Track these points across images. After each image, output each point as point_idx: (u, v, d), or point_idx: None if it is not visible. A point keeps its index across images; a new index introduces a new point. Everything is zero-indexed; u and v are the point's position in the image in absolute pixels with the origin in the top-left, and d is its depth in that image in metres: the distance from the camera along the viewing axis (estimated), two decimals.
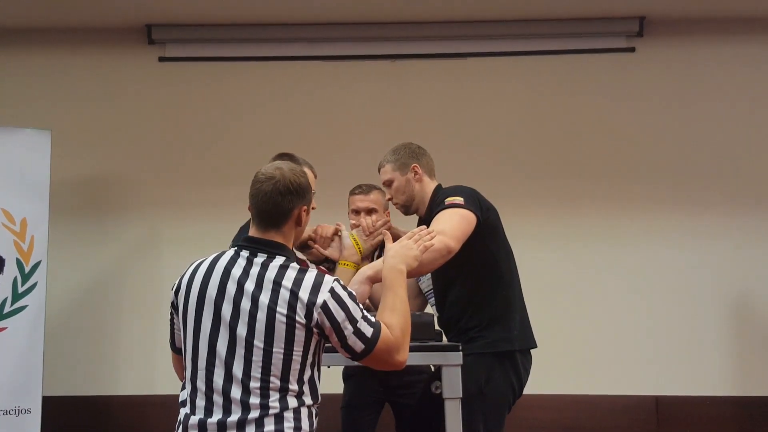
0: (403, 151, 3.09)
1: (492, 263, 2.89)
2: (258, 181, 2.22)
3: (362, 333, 2.11)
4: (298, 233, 2.27)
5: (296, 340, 2.07)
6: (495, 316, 2.86)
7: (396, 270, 2.30)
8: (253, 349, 2.06)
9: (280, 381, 2.07)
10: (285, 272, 2.11)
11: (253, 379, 2.06)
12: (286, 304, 2.07)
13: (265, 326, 2.06)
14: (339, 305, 2.08)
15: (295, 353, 2.07)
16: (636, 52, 5.00)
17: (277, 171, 2.21)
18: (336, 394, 3.54)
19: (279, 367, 2.06)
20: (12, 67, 5.10)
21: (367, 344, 2.11)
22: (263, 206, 2.20)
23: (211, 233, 4.72)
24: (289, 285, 2.09)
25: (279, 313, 2.06)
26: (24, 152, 4.39)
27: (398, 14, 4.92)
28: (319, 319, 2.07)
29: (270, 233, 2.20)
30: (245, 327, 2.07)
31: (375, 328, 2.12)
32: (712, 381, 4.77)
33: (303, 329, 2.07)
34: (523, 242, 4.56)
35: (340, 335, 2.09)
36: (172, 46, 5.09)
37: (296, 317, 2.06)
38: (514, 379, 2.85)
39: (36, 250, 4.37)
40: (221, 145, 5.05)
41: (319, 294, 2.08)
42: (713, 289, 4.85)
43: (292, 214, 2.21)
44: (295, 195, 2.20)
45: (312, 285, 2.09)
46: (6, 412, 4.19)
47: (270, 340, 2.06)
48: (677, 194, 4.93)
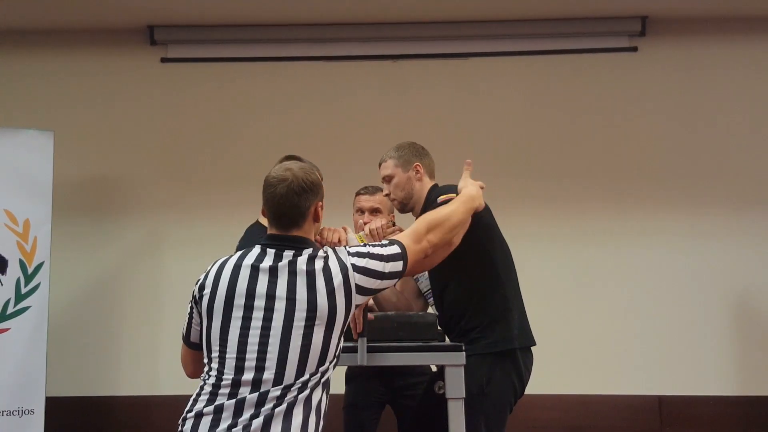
0: (407, 149, 3.09)
1: (488, 262, 2.89)
2: (270, 184, 2.23)
3: (394, 254, 2.24)
4: (316, 228, 2.32)
5: (336, 325, 2.13)
6: (494, 316, 2.86)
7: (469, 196, 2.58)
8: (308, 335, 2.10)
9: (317, 365, 2.11)
10: (314, 261, 2.17)
11: (290, 365, 2.08)
12: (325, 286, 2.13)
13: (306, 311, 2.10)
14: (367, 271, 2.19)
15: (333, 338, 2.14)
16: (638, 52, 5.00)
17: (287, 172, 2.24)
18: (338, 395, 3.54)
19: (317, 352, 2.10)
20: (15, 68, 5.10)
21: (403, 258, 2.25)
22: (281, 209, 2.22)
23: (214, 234, 4.73)
24: (321, 269, 2.15)
25: (320, 295, 2.12)
26: (27, 153, 4.40)
27: (400, 14, 4.92)
28: (358, 284, 2.17)
29: (292, 231, 2.23)
30: (282, 316, 2.10)
31: (396, 244, 2.27)
32: (715, 381, 4.77)
33: (344, 308, 2.14)
34: (526, 242, 4.59)
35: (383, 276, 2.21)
36: (174, 47, 5.09)
37: (337, 294, 2.13)
38: (515, 378, 2.85)
39: (39, 251, 4.37)
40: (223, 146, 5.05)
41: (348, 269, 2.17)
42: (716, 288, 4.84)
43: (309, 212, 2.25)
44: (310, 193, 2.25)
45: (338, 261, 2.18)
46: (9, 412, 4.20)
47: (311, 326, 2.10)
48: (680, 194, 4.92)
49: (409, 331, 2.66)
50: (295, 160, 2.94)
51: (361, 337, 2.50)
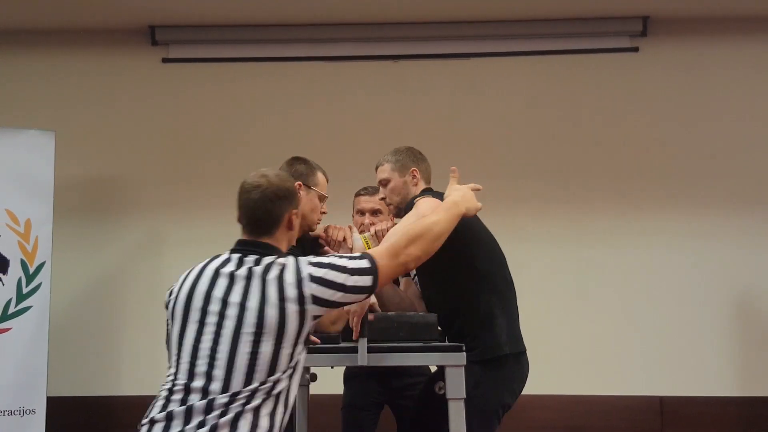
0: (405, 153, 3.07)
1: (470, 266, 2.84)
2: (245, 190, 2.24)
3: (360, 269, 2.16)
4: (290, 237, 2.29)
5: (287, 335, 2.07)
6: (481, 323, 2.80)
7: (452, 202, 2.46)
8: (257, 343, 2.05)
9: (266, 375, 2.06)
10: (271, 269, 2.12)
11: (237, 373, 2.04)
12: (277, 295, 2.08)
13: (256, 319, 2.06)
14: (325, 282, 2.11)
15: (284, 348, 2.08)
16: (639, 52, 4.99)
17: (263, 179, 2.24)
18: (336, 395, 3.55)
19: (266, 361, 2.05)
20: (16, 68, 5.11)
21: (372, 273, 2.17)
22: (253, 214, 2.23)
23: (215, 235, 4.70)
24: (275, 277, 2.10)
25: (270, 304, 2.07)
26: (28, 153, 4.41)
27: (400, 15, 4.93)
28: (314, 295, 2.10)
29: (262, 238, 2.23)
30: (233, 323, 2.07)
31: (366, 258, 2.19)
32: (716, 381, 4.77)
33: (297, 319, 2.08)
34: (526, 242, 4.60)
35: (344, 288, 2.13)
36: (176, 47, 5.10)
37: (288, 304, 2.07)
38: (503, 387, 2.80)
39: (40, 251, 4.38)
40: (225, 146, 5.05)
41: (303, 279, 2.10)
42: (717, 289, 4.84)
43: (282, 220, 2.24)
44: (284, 200, 2.24)
45: (295, 271, 2.11)
46: (10, 412, 4.21)
47: (258, 335, 2.05)
48: (681, 194, 4.92)
49: (409, 332, 2.66)
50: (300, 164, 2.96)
51: (362, 337, 2.51)
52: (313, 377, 3.05)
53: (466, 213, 2.49)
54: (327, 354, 2.58)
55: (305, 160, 3.00)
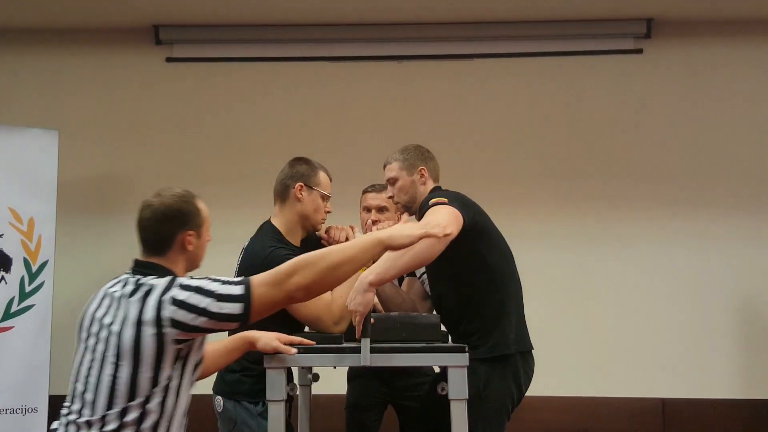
0: (413, 152, 3.07)
1: (484, 267, 2.86)
2: (140, 208, 2.21)
3: (230, 295, 2.06)
4: (190, 258, 2.22)
5: (143, 359, 2.03)
6: (491, 321, 2.83)
7: (374, 236, 2.19)
8: (117, 367, 2.04)
9: (126, 400, 2.04)
10: (138, 290, 2.09)
11: (101, 395, 2.04)
12: (135, 317, 2.04)
13: (116, 342, 2.05)
14: (185, 305, 2.04)
15: (142, 372, 2.03)
16: (643, 54, 4.99)
17: (156, 198, 2.21)
18: (340, 395, 3.55)
19: (125, 385, 2.03)
20: (20, 67, 5.12)
21: (243, 300, 2.05)
22: (143, 233, 2.21)
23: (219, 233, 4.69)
24: (138, 299, 2.07)
25: (128, 327, 2.04)
26: (31, 152, 4.41)
27: (405, 15, 4.92)
28: (173, 318, 2.03)
29: (153, 258, 2.19)
30: (103, 346, 2.07)
31: (242, 285, 2.08)
32: (718, 384, 4.76)
33: (155, 342, 2.03)
34: (530, 243, 4.59)
35: (208, 314, 2.04)
36: (180, 47, 5.10)
37: (144, 327, 2.03)
38: (512, 384, 2.83)
39: (43, 250, 4.39)
40: (228, 146, 5.06)
41: (165, 301, 2.04)
42: (720, 291, 4.83)
43: (174, 241, 2.19)
44: (174, 221, 2.18)
45: (160, 292, 2.06)
46: (13, 410, 4.21)
47: (118, 355, 2.04)
48: (685, 196, 4.91)
49: (412, 332, 2.66)
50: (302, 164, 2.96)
51: (364, 337, 2.50)
52: (316, 377, 3.05)
53: (389, 244, 2.18)
54: (329, 354, 2.58)
55: (307, 160, 3.00)
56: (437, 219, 2.65)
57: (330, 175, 3.01)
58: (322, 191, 2.94)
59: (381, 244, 2.16)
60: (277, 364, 2.52)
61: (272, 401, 2.53)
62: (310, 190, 2.93)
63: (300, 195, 2.91)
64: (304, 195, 2.91)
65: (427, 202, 2.84)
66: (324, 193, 2.95)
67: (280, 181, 2.96)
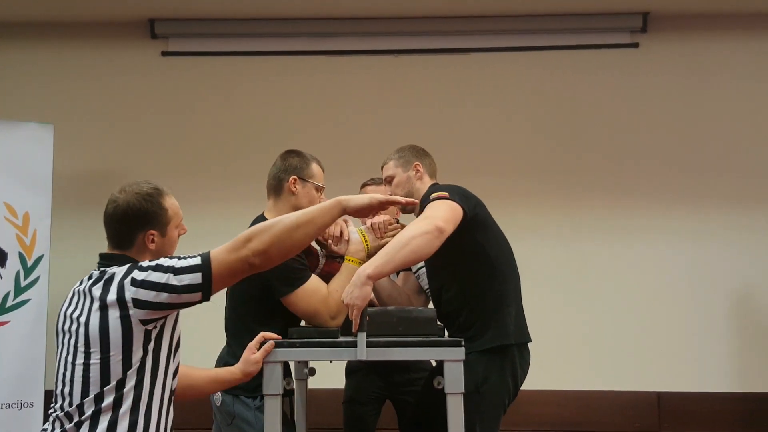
0: (408, 150, 3.13)
1: (484, 259, 2.88)
2: (108, 201, 2.21)
3: (188, 266, 2.06)
4: (156, 254, 2.21)
5: (112, 343, 2.04)
6: (491, 312, 2.85)
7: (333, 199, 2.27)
8: (87, 355, 2.05)
9: (101, 386, 2.04)
10: (102, 278, 2.11)
11: (75, 387, 2.06)
12: (99, 304, 2.06)
13: (84, 331, 2.06)
14: (145, 283, 2.05)
15: (113, 357, 2.04)
16: (639, 48, 4.99)
17: (121, 194, 2.19)
18: (338, 390, 3.55)
19: (96, 372, 2.05)
20: (15, 61, 5.10)
21: (202, 270, 2.06)
22: (107, 229, 2.21)
23: (215, 228, 4.71)
24: (100, 287, 2.08)
25: (93, 315, 2.06)
26: (26, 146, 4.40)
27: (401, 9, 4.92)
28: (135, 298, 2.03)
29: (117, 251, 2.21)
30: (74, 339, 2.09)
31: (200, 256, 2.08)
32: (714, 377, 4.77)
33: (120, 325, 2.04)
34: (526, 238, 4.59)
35: (168, 288, 2.04)
36: (175, 41, 5.09)
37: (109, 311, 2.04)
38: (510, 377, 2.84)
39: (38, 244, 4.38)
40: (224, 140, 5.05)
41: (125, 284, 2.05)
42: (716, 284, 4.85)
43: (135, 240, 2.19)
44: (135, 221, 2.17)
45: (121, 276, 2.08)
46: (9, 405, 4.20)
47: (88, 344, 2.06)
48: (680, 190, 4.92)
49: (408, 326, 2.66)
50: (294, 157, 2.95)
51: (361, 331, 2.50)
52: (312, 371, 3.05)
53: (346, 204, 2.26)
54: (325, 348, 2.58)
55: (299, 153, 2.98)
56: (436, 213, 2.66)
57: (323, 167, 3.01)
58: (316, 183, 2.94)
59: (339, 204, 2.23)
60: (273, 358, 2.52)
61: (269, 395, 2.53)
62: (304, 183, 2.92)
63: (294, 188, 2.90)
64: (298, 188, 2.91)
65: (428, 196, 2.85)
66: (318, 184, 2.94)
67: (274, 175, 2.95)
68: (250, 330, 2.70)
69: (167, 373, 2.14)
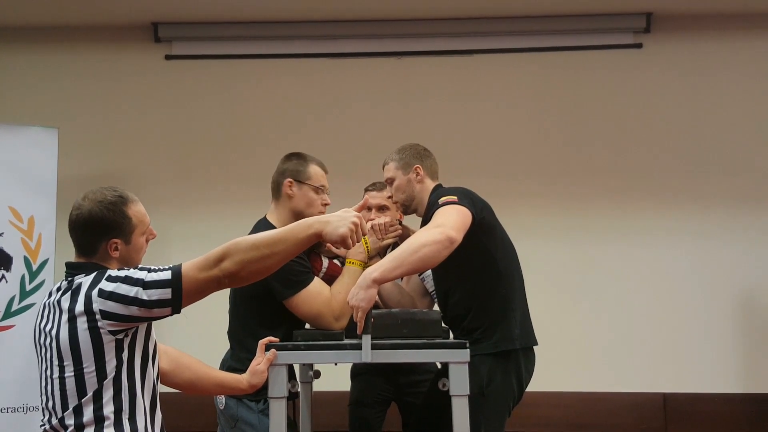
0: (409, 151, 3.10)
1: (490, 262, 2.89)
2: (72, 207, 2.17)
3: (158, 281, 2.02)
4: (122, 261, 2.17)
5: (84, 354, 2.02)
6: (496, 316, 2.85)
7: (307, 223, 2.09)
8: (62, 368, 2.03)
9: (78, 397, 2.02)
10: (70, 288, 2.08)
11: (55, 398, 2.04)
12: (67, 315, 2.03)
13: (56, 344, 2.04)
14: (113, 295, 2.01)
15: (85, 365, 2.02)
16: (643, 49, 4.98)
17: (84, 201, 2.15)
18: (344, 392, 3.55)
19: (72, 384, 2.02)
20: (18, 65, 5.11)
21: (172, 285, 2.02)
22: (71, 235, 2.18)
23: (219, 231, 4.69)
24: (68, 298, 2.06)
25: (63, 327, 2.03)
26: (31, 150, 4.40)
27: (405, 11, 4.92)
28: (102, 309, 2.00)
29: (83, 259, 2.17)
30: (49, 353, 2.07)
31: (170, 270, 2.04)
32: (720, 378, 4.76)
33: (89, 336, 2.01)
34: (531, 239, 4.58)
35: (138, 302, 2.00)
36: (179, 44, 5.10)
37: (78, 323, 2.02)
38: (515, 380, 2.84)
39: (43, 248, 4.38)
40: (228, 143, 5.05)
41: (93, 294, 2.02)
42: (721, 286, 4.83)
43: (98, 248, 2.14)
44: (96, 230, 2.13)
45: (88, 287, 2.05)
46: (14, 409, 4.21)
47: (60, 357, 2.03)
48: (685, 191, 4.91)
49: (413, 328, 2.66)
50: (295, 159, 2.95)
51: (365, 334, 2.50)
52: (317, 374, 3.05)
53: (318, 233, 2.07)
54: (330, 351, 2.58)
55: (299, 155, 2.98)
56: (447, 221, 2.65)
57: (324, 168, 2.99)
58: (314, 184, 2.92)
59: (315, 233, 2.06)
60: (278, 361, 2.52)
61: (273, 398, 2.53)
62: (300, 185, 2.91)
63: (290, 191, 2.90)
64: (294, 190, 2.90)
65: (436, 200, 2.84)
66: (315, 186, 2.93)
67: (273, 178, 2.97)
68: (254, 333, 2.70)
69: (145, 381, 2.11)
